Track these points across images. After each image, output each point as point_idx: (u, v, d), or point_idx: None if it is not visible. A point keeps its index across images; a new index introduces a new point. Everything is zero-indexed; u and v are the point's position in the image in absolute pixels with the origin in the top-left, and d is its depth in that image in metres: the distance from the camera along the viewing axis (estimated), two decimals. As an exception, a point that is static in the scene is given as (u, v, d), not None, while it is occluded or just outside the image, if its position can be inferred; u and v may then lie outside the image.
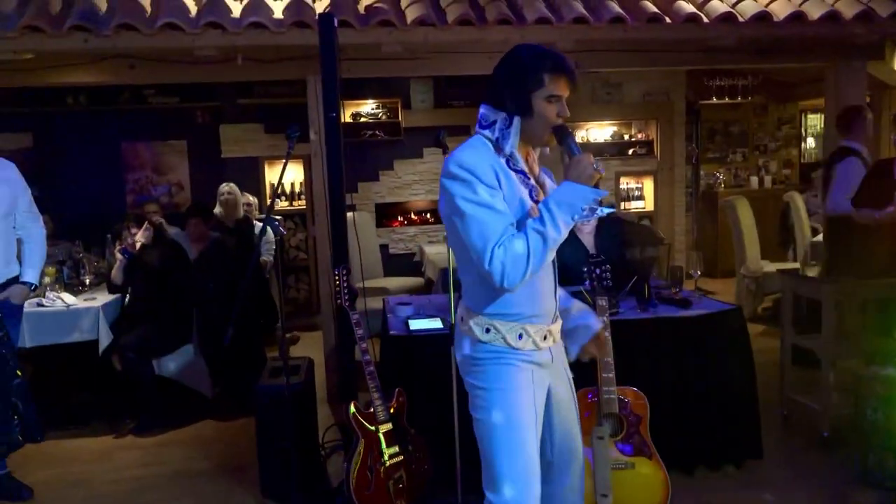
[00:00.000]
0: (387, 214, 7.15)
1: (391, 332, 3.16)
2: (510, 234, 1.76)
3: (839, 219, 4.32)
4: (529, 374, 1.91)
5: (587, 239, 3.82)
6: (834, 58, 4.64)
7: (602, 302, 2.83)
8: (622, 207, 7.54)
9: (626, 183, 7.67)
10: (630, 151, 7.66)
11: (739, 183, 8.64)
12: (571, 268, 2.92)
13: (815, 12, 4.21)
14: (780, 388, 3.98)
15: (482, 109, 1.92)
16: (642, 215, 7.60)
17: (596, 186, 1.78)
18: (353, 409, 2.93)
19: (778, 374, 4.02)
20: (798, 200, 6.80)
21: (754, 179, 8.67)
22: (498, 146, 1.86)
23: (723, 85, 8.18)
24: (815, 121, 9.05)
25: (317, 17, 3.63)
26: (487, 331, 1.89)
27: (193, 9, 4.01)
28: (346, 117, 6.90)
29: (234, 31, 3.83)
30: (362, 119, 6.94)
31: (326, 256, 4.05)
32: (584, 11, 4.07)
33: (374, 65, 4.38)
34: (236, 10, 4.00)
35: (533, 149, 1.99)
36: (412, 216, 7.20)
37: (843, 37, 4.38)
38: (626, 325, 3.23)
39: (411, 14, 4.01)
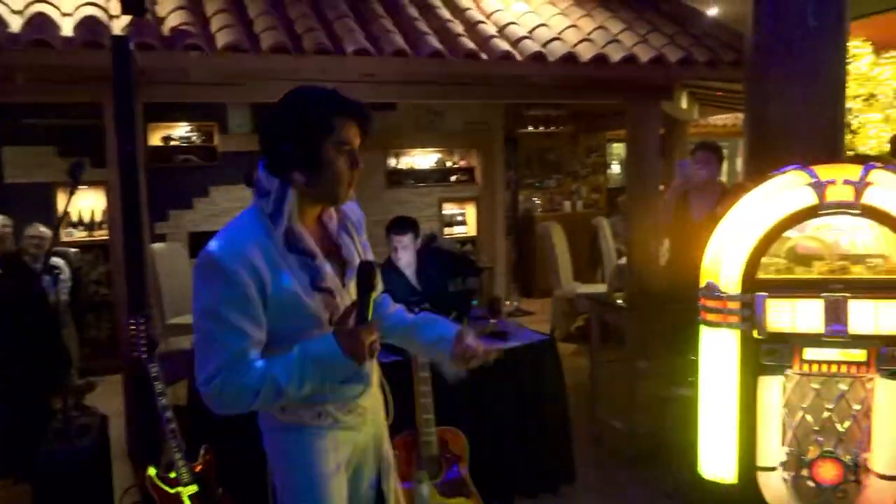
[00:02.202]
0: (202, 244, 6.66)
1: (199, 383, 2.91)
2: (243, 362, 1.50)
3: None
4: (329, 442, 1.73)
5: (408, 271, 3.80)
6: (632, 96, 5.01)
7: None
8: (445, 233, 7.68)
9: (449, 209, 7.82)
10: (453, 178, 7.83)
11: (554, 207, 9.13)
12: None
13: (615, 55, 4.52)
14: (590, 410, 4.18)
15: (259, 171, 1.61)
16: (465, 240, 7.79)
17: (371, 355, 1.54)
18: (151, 471, 2.66)
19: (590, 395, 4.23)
20: (605, 225, 7.30)
21: (567, 204, 9.21)
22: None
23: (538, 115, 8.62)
24: (619, 149, 9.81)
25: (111, 37, 3.32)
26: (283, 409, 1.69)
27: (-39, 20, 3.52)
28: (156, 140, 6.42)
29: (13, 49, 3.40)
30: (173, 143, 6.48)
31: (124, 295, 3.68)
32: (404, 45, 4.08)
33: (181, 89, 4.09)
34: (15, 23, 3.55)
35: (328, 208, 1.70)
36: (231, 245, 6.82)
37: (639, 78, 4.74)
38: (446, 362, 3.23)
39: (222, 39, 3.79)
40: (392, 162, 7.54)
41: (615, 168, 9.96)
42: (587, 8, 5.04)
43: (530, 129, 8.71)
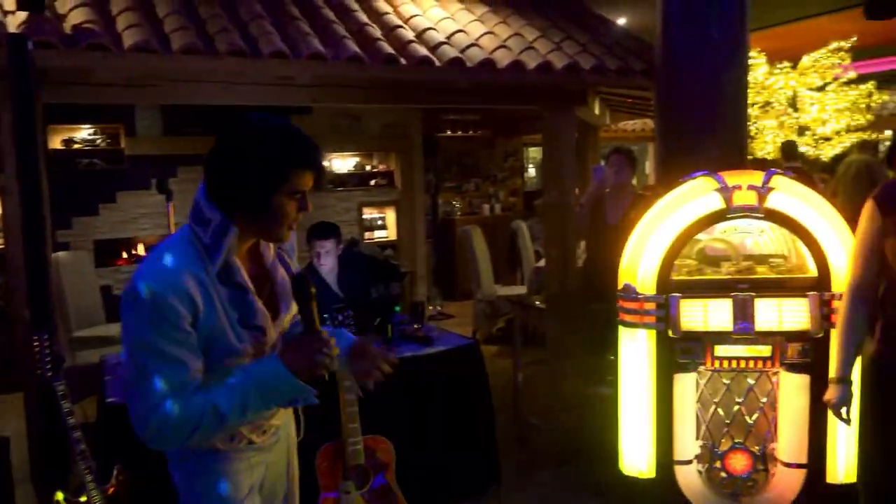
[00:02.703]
0: (109, 252, 6.41)
1: (109, 400, 2.77)
2: (183, 393, 1.42)
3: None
4: (242, 465, 1.66)
5: (330, 278, 3.75)
6: (548, 102, 5.12)
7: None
8: (366, 238, 7.62)
9: (370, 213, 7.78)
10: (372, 182, 7.79)
11: (473, 210, 9.23)
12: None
13: (531, 62, 4.60)
14: (514, 411, 4.24)
15: (199, 194, 1.53)
16: (386, 244, 7.76)
17: (323, 365, 1.46)
18: (59, 496, 2.51)
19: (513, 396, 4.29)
20: (523, 227, 7.44)
21: (486, 207, 9.32)
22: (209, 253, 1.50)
23: (456, 119, 8.69)
24: (535, 153, 10.01)
25: (6, 35, 3.12)
26: None
27: None
28: (57, 143, 6.09)
29: None
30: (76, 146, 6.16)
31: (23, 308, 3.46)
32: (321, 48, 4.01)
33: (86, 90, 3.88)
34: None
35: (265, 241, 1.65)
36: (140, 253, 6.56)
37: (554, 85, 4.85)
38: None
39: (129, 38, 3.62)
40: (310, 166, 7.41)
41: (532, 171, 10.17)
42: (502, 15, 5.12)
43: (448, 133, 8.76)
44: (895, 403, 2.18)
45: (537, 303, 4.62)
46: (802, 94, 8.85)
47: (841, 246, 2.40)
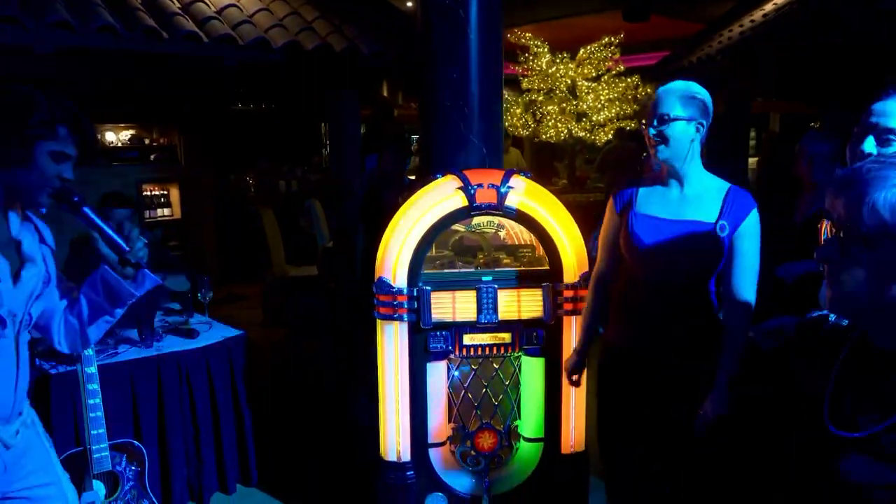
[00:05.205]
0: None
1: None
2: None
3: None
4: None
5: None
6: (328, 83, 5.07)
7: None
8: (147, 217, 7.11)
9: (150, 191, 7.26)
10: (152, 157, 7.26)
11: (268, 188, 8.93)
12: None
13: (308, 43, 4.52)
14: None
15: None
16: (169, 223, 7.30)
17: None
18: None
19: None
20: (317, 206, 7.34)
21: (282, 184, 9.07)
22: None
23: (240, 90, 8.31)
24: (332, 131, 9.90)
25: None
26: None
27: None
28: None
29: None
30: None
31: None
32: (69, 17, 3.64)
33: None
34: None
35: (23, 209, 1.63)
36: None
37: (334, 67, 4.80)
38: (126, 367, 3.01)
39: None
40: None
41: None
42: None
43: (240, 106, 8.38)
44: (611, 381, 2.43)
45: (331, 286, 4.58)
46: (580, 84, 9.56)
47: (569, 242, 2.63)
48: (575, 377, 2.59)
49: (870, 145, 1.83)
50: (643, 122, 2.25)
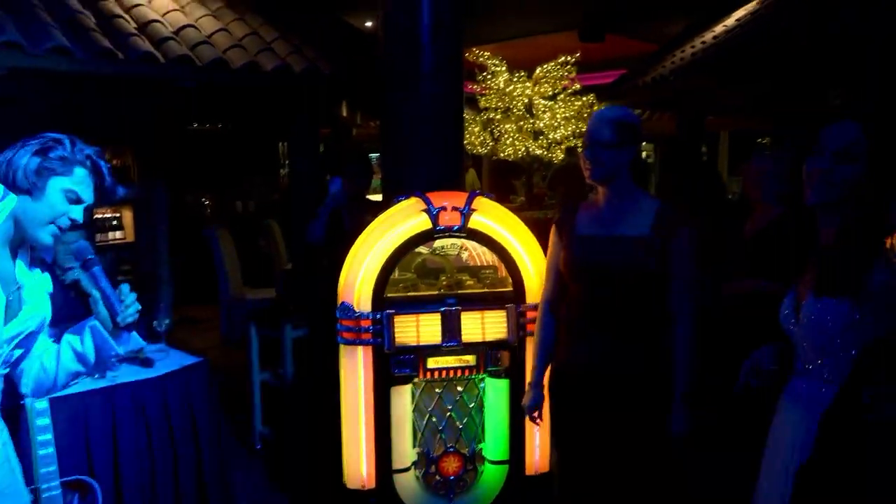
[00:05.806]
0: None
1: None
2: None
3: None
4: None
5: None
6: (287, 104, 5.02)
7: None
8: (98, 240, 6.92)
9: (102, 213, 7.06)
10: (105, 178, 7.08)
11: (226, 209, 8.82)
12: None
13: (267, 63, 4.48)
14: (250, 422, 4.13)
15: None
16: (122, 246, 7.11)
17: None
18: None
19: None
20: (275, 227, 7.27)
21: (239, 205, 8.95)
22: None
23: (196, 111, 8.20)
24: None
25: None
26: None
27: None
28: None
29: None
30: None
31: None
32: (18, 35, 3.54)
33: None
34: None
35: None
36: None
37: (294, 88, 4.77)
38: (79, 399, 2.90)
39: None
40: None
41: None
42: (239, 12, 4.92)
43: (196, 126, 8.27)
44: (564, 404, 2.40)
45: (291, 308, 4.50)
46: (537, 102, 9.67)
47: (531, 263, 2.64)
48: (535, 413, 2.47)
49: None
50: (579, 146, 2.31)
